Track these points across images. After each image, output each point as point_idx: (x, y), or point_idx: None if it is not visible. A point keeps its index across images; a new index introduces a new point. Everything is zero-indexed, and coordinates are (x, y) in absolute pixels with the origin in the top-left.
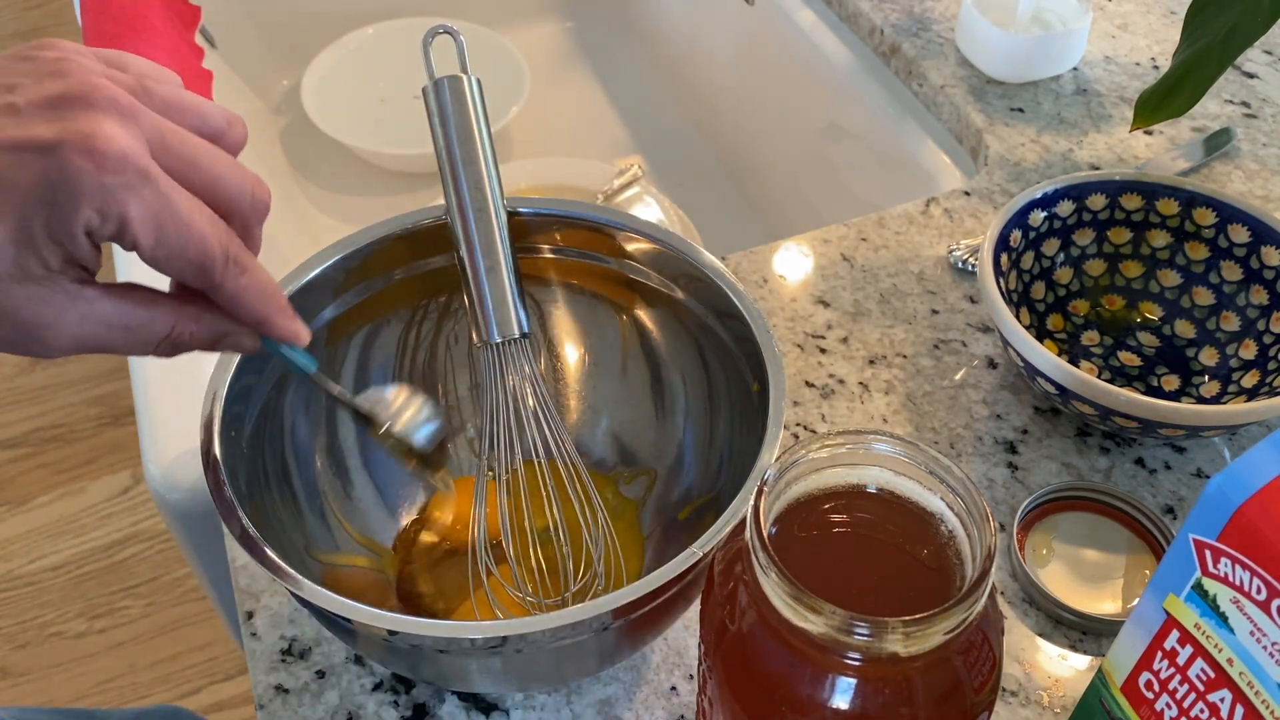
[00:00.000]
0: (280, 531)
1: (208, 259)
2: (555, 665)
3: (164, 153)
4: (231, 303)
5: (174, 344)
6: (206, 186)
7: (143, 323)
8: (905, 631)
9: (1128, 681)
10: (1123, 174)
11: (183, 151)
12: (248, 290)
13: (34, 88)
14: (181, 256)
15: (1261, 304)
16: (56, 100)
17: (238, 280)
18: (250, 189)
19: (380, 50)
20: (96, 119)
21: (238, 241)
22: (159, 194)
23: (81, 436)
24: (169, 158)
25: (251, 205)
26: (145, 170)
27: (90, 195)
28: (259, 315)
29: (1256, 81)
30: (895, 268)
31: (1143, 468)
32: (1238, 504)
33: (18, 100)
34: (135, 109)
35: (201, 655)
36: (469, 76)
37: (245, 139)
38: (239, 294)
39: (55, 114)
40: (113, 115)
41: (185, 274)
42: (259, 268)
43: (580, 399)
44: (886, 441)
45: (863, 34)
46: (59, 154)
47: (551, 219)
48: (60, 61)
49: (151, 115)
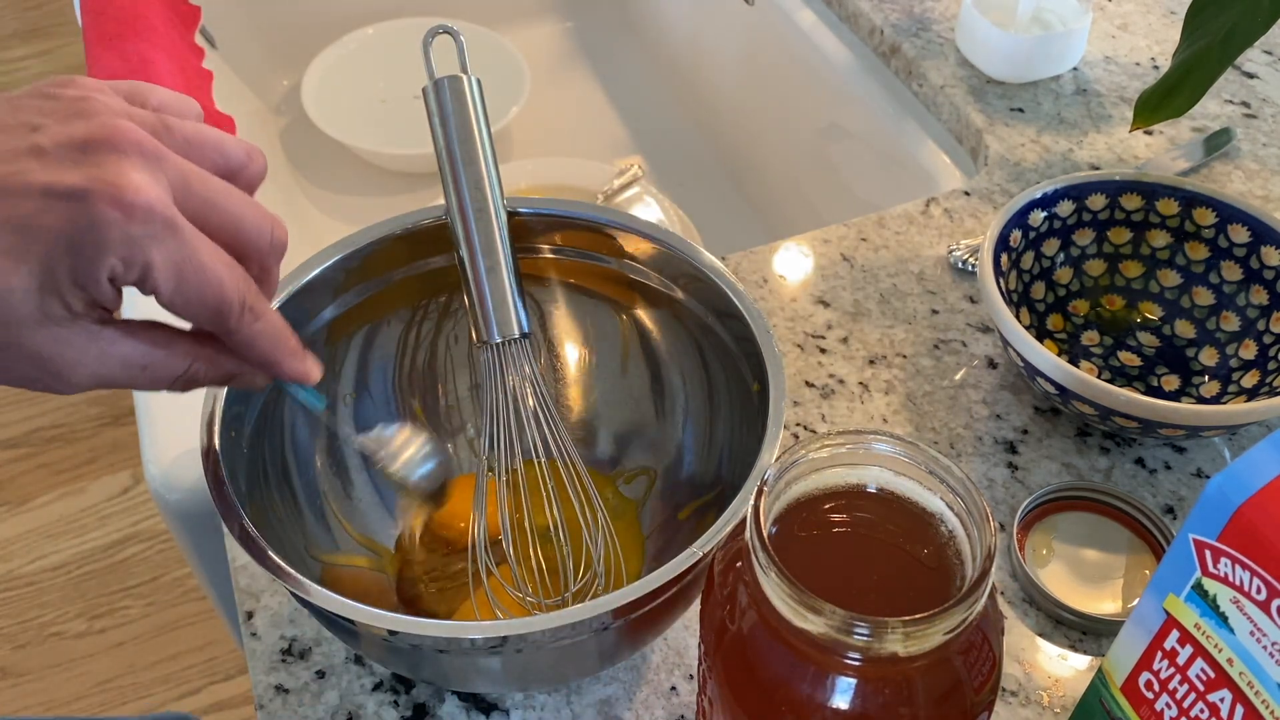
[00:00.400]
0: (280, 531)
1: (224, 306)
2: (555, 665)
3: (186, 196)
4: (245, 347)
5: (189, 382)
6: (226, 228)
7: (160, 362)
8: (905, 631)
9: (1128, 681)
10: (1123, 174)
11: (204, 194)
12: (261, 336)
13: (58, 129)
14: (200, 303)
15: (1261, 304)
16: (83, 144)
17: (251, 326)
18: (269, 229)
19: (380, 50)
20: (123, 166)
21: (254, 288)
22: (182, 243)
23: (81, 436)
24: (191, 201)
25: (270, 246)
26: (170, 220)
27: (117, 244)
28: (271, 359)
29: (1256, 81)
30: (895, 268)
31: (1143, 468)
32: (1238, 504)
33: (43, 142)
34: (160, 152)
35: (201, 655)
36: (469, 76)
37: (264, 172)
38: (253, 340)
39: (82, 158)
40: (139, 160)
41: (200, 319)
42: (272, 313)
43: (580, 399)
44: (886, 441)
45: (863, 34)
46: (88, 202)
47: (551, 219)
48: (83, 101)
49: (175, 158)
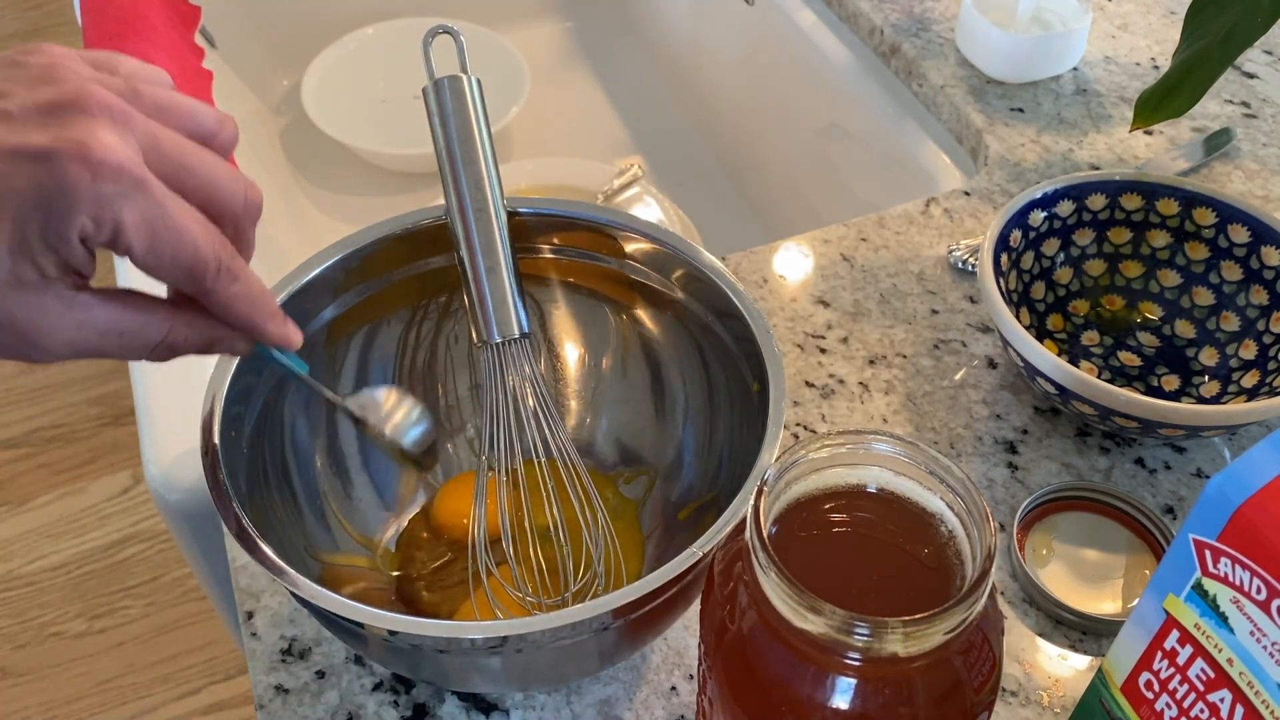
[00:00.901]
0: (280, 531)
1: (200, 265)
2: (555, 665)
3: (157, 158)
4: (223, 309)
5: (168, 349)
6: (199, 190)
7: (137, 328)
8: (905, 631)
9: (1128, 681)
10: (1123, 174)
11: (176, 156)
12: (239, 297)
13: (26, 94)
14: (174, 263)
15: (1261, 304)
16: (50, 107)
17: (229, 288)
18: (243, 191)
19: (380, 50)
20: (91, 126)
21: (230, 248)
22: (153, 201)
23: (81, 436)
24: (162, 163)
25: (244, 208)
26: (140, 178)
27: (86, 203)
28: (250, 321)
29: (1256, 81)
30: (895, 268)
31: (1143, 468)
32: (1238, 504)
33: (10, 107)
34: (128, 114)
35: (201, 655)
36: (469, 76)
37: (236, 139)
38: (231, 301)
39: (50, 120)
40: (107, 122)
41: (177, 280)
42: (250, 274)
43: (580, 399)
44: (886, 441)
45: (863, 34)
46: (55, 162)
47: (551, 219)
48: (50, 67)
49: (144, 120)
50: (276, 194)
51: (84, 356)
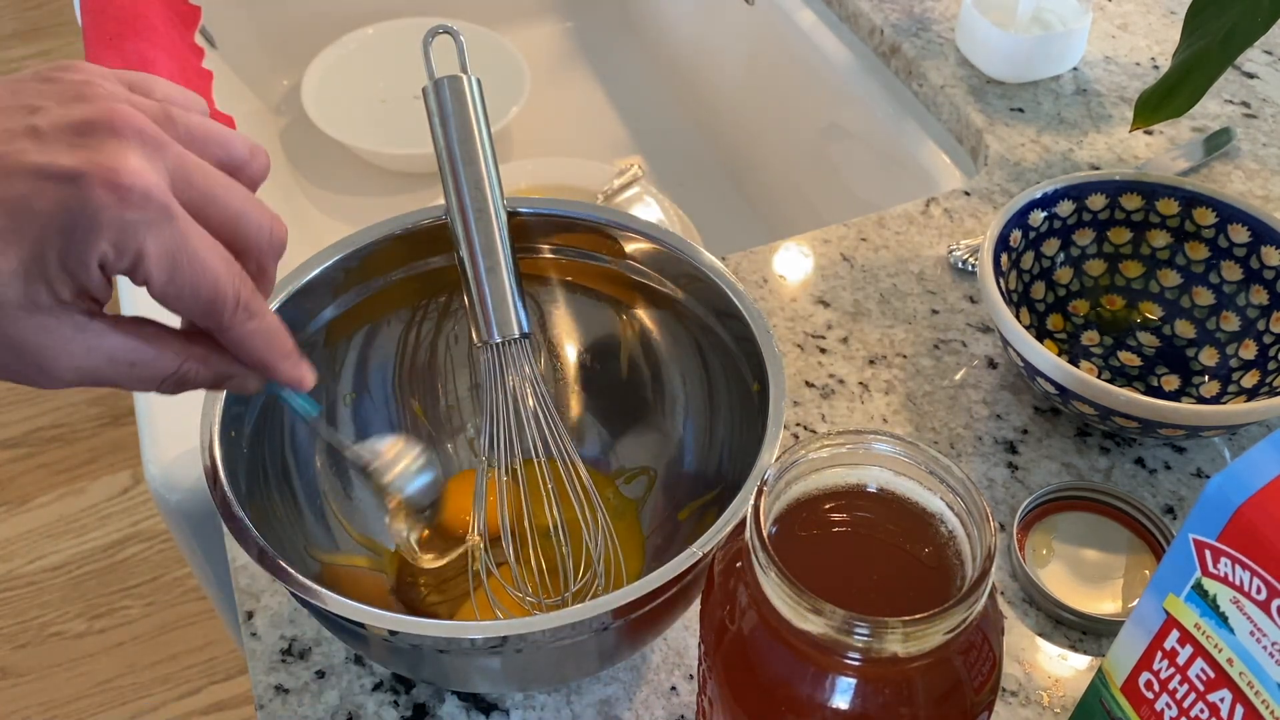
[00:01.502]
0: (280, 531)
1: (219, 301)
2: (555, 665)
3: (185, 186)
4: (238, 346)
5: (178, 383)
6: (226, 224)
7: (149, 360)
8: (905, 631)
9: (1128, 681)
10: (1123, 174)
11: (204, 186)
12: (255, 335)
13: (58, 111)
14: (193, 296)
15: (1261, 304)
16: (81, 126)
17: (245, 324)
18: (269, 227)
19: (380, 50)
20: (122, 149)
21: (250, 285)
22: (178, 232)
23: (81, 436)
24: (190, 191)
25: (270, 244)
26: (166, 207)
27: (109, 229)
28: (264, 360)
29: (1256, 81)
30: (895, 268)
31: (1143, 468)
32: (1238, 504)
33: (40, 124)
34: (160, 140)
35: (201, 655)
36: (469, 76)
37: (267, 170)
38: (246, 338)
39: (80, 141)
40: (137, 146)
41: (194, 314)
42: (268, 312)
43: (580, 399)
44: (886, 441)
45: (863, 34)
46: (81, 185)
47: (551, 219)
48: (85, 85)
49: (175, 147)
50: (276, 194)
51: (92, 384)
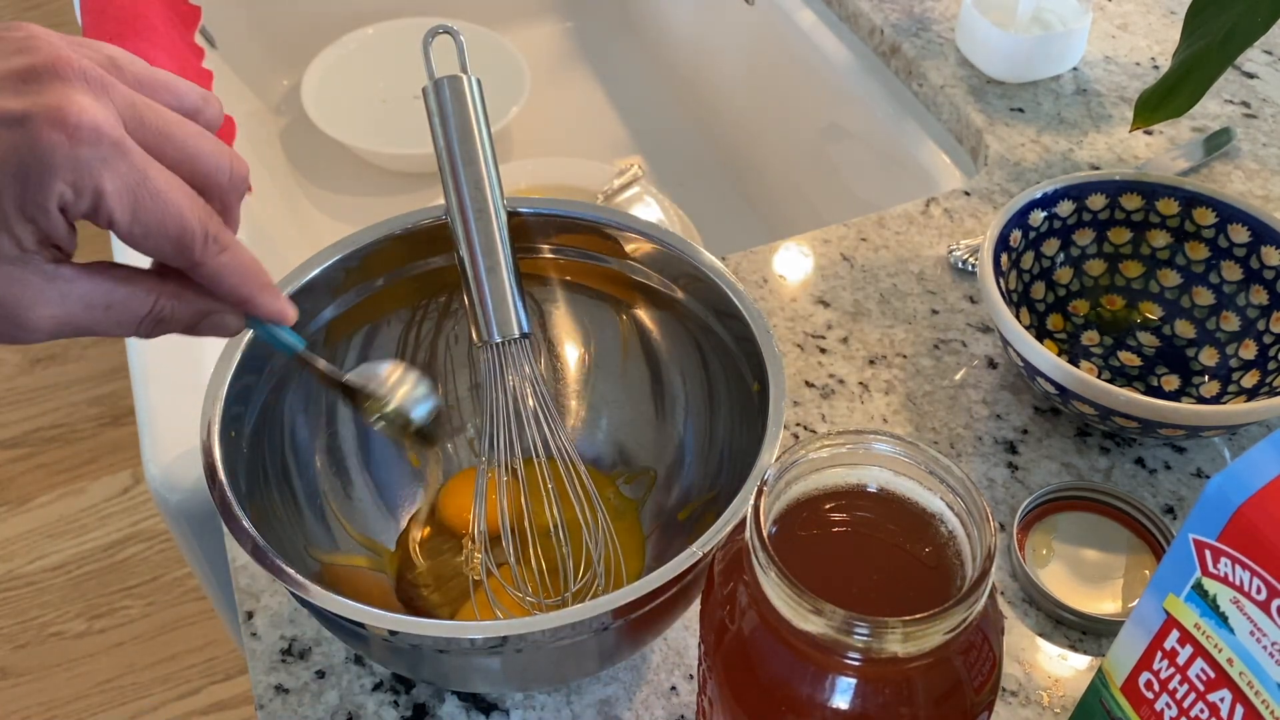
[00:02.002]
0: (280, 531)
1: (186, 235)
2: (555, 665)
3: (138, 126)
4: (212, 281)
5: (156, 322)
6: (183, 162)
7: (122, 300)
8: (905, 631)
9: (1128, 681)
10: (1123, 174)
11: (158, 125)
12: (228, 268)
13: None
14: (160, 233)
15: (1261, 304)
16: (25, 73)
17: (218, 258)
18: (228, 163)
19: (380, 50)
20: (68, 91)
21: (217, 219)
22: (134, 167)
23: (81, 436)
24: (144, 131)
25: (230, 180)
26: (119, 142)
27: (63, 169)
28: (241, 293)
29: (1256, 81)
30: (895, 268)
31: (1143, 468)
32: (1238, 504)
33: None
34: (106, 82)
35: (201, 655)
36: (469, 76)
37: (221, 118)
38: (220, 272)
39: (25, 87)
40: (83, 86)
41: (164, 251)
42: (240, 246)
43: (580, 399)
44: (886, 441)
45: (863, 34)
46: (29, 127)
47: (551, 219)
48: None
49: (123, 88)
50: (276, 194)
51: (70, 334)
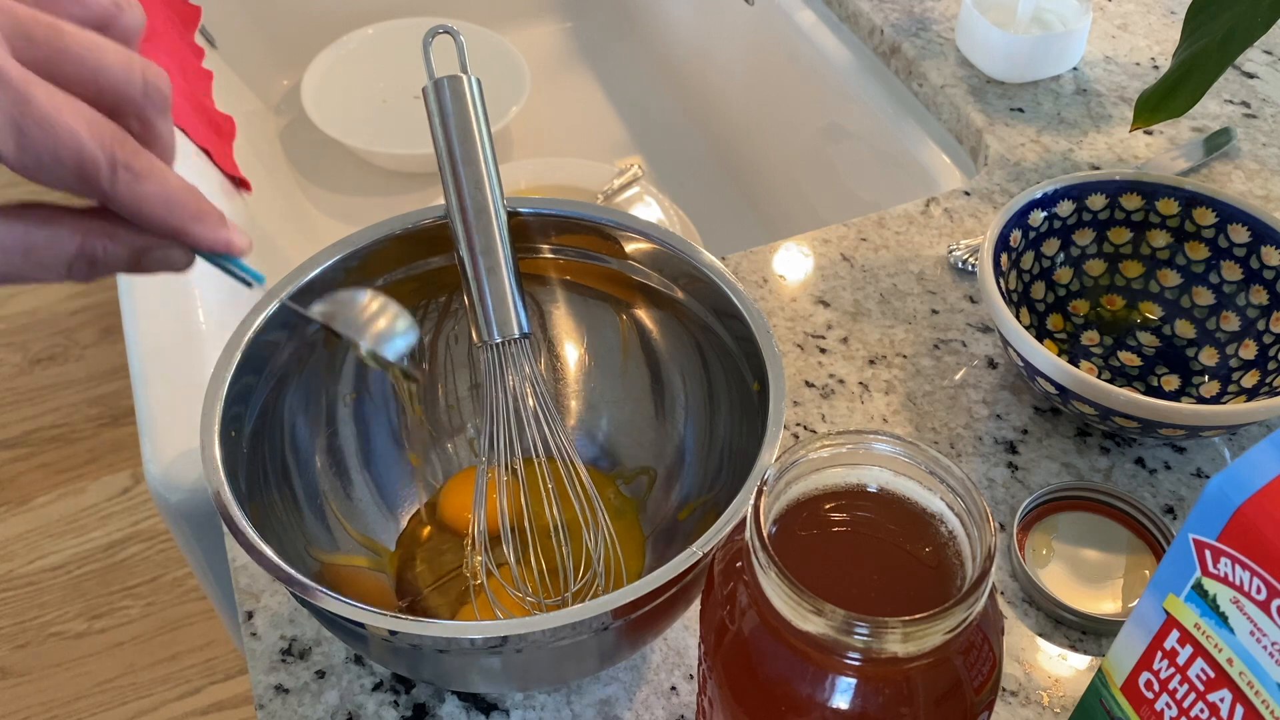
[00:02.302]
0: (280, 531)
1: (88, 164)
2: (555, 665)
3: (26, 45)
4: (135, 213)
5: (89, 263)
6: (86, 80)
7: (43, 243)
8: (905, 631)
9: (1128, 681)
10: (1123, 174)
11: (48, 40)
12: (149, 198)
13: None
14: (55, 163)
15: (1261, 304)
16: None
17: (134, 188)
18: (140, 75)
19: (380, 50)
20: None
21: (130, 143)
22: (13, 92)
23: (81, 436)
24: (33, 50)
25: (145, 95)
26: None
27: None
28: (171, 225)
29: (1256, 81)
30: (895, 268)
31: (1143, 468)
32: (1238, 504)
33: None
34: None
35: (201, 655)
36: (469, 76)
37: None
38: (140, 203)
39: None
40: None
41: (68, 183)
42: (164, 171)
43: (580, 399)
44: (886, 441)
45: (863, 34)
46: None
47: (551, 219)
48: None
49: (9, 3)
50: (276, 194)
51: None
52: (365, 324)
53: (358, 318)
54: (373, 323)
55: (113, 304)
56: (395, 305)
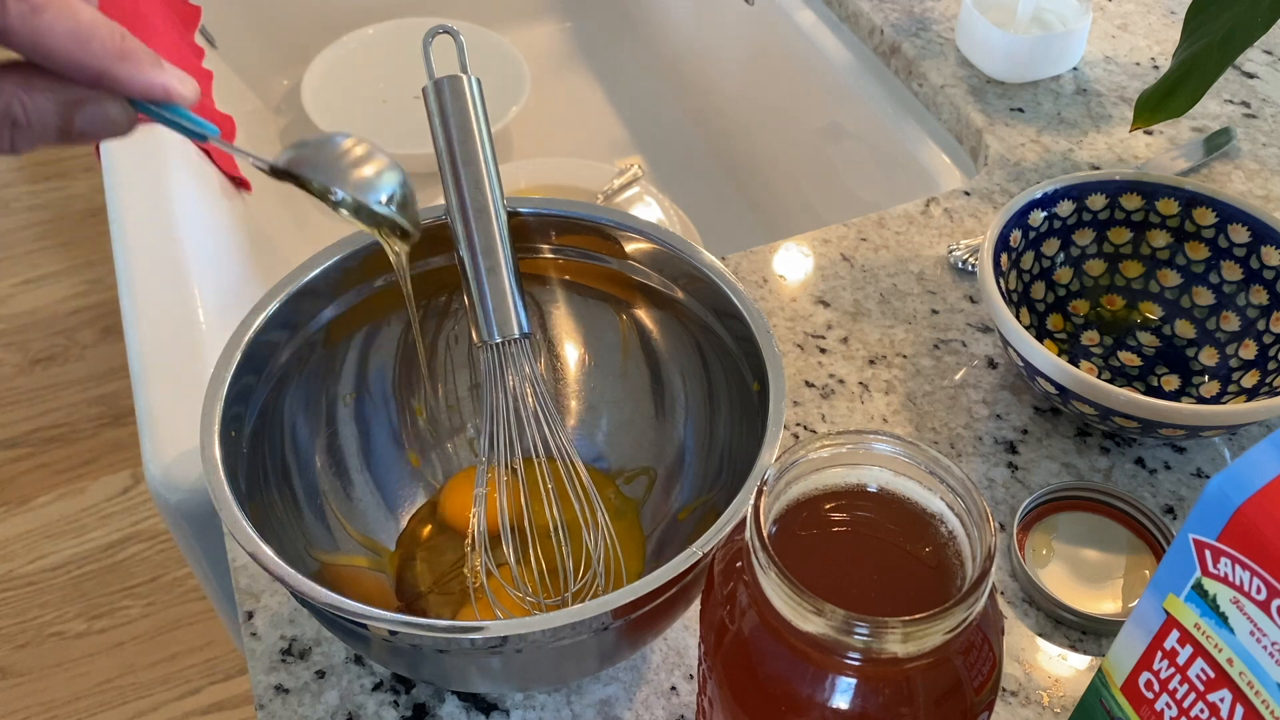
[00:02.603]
0: (280, 531)
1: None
2: (555, 665)
3: None
4: (40, 53)
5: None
6: None
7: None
8: (905, 631)
9: (1128, 681)
10: (1123, 174)
11: None
12: (54, 33)
13: None
14: None
15: (1261, 304)
16: None
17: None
18: None
19: (380, 50)
20: None
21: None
22: None
23: (81, 436)
24: None
25: None
26: None
27: None
28: (90, 67)
29: (1256, 81)
30: (895, 268)
31: (1143, 468)
32: (1238, 504)
33: None
34: None
35: (201, 655)
36: (469, 76)
37: None
38: (41, 39)
39: None
40: None
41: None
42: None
43: (580, 399)
44: (886, 441)
45: (863, 34)
46: None
47: (551, 219)
48: None
49: None
50: (276, 194)
51: None
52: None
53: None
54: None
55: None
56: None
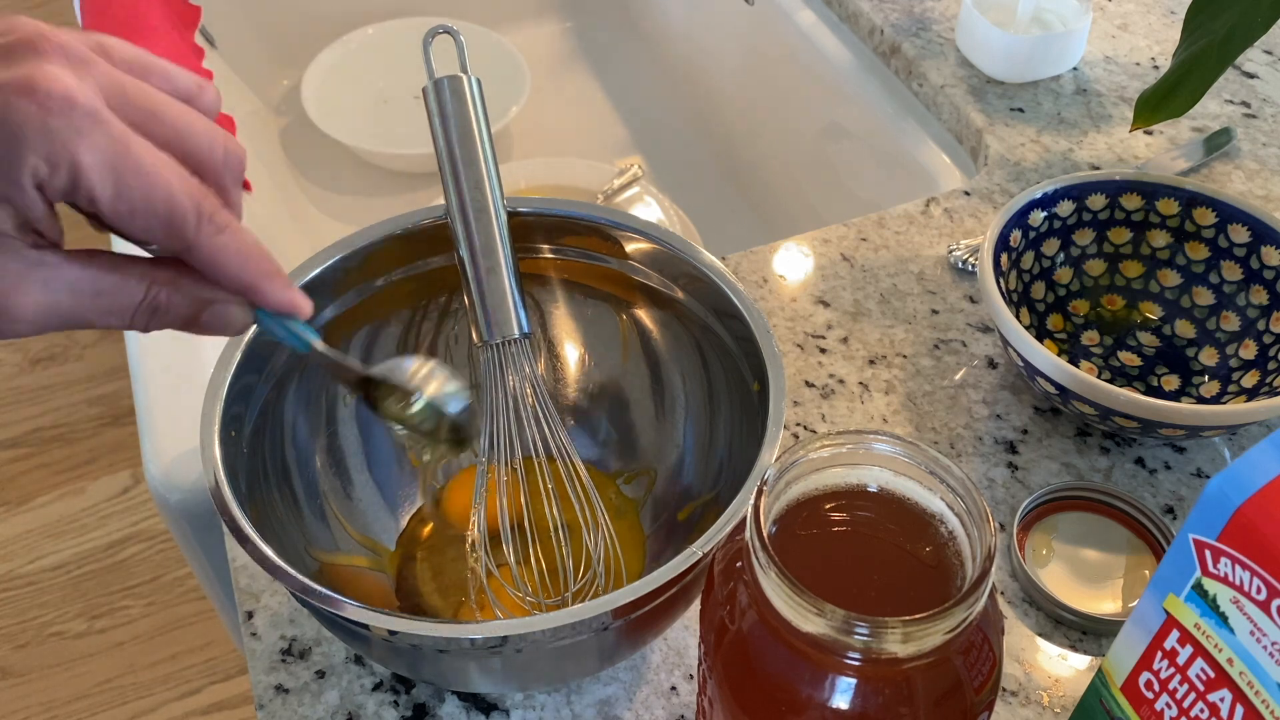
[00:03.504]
0: (280, 531)
1: (178, 213)
2: (555, 665)
3: (122, 102)
4: (211, 265)
5: (152, 311)
6: (172, 140)
7: (113, 288)
8: (905, 631)
9: (1128, 681)
10: (1123, 174)
11: (143, 103)
12: (227, 251)
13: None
14: (147, 210)
15: (1261, 304)
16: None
17: (214, 239)
18: (222, 143)
19: (380, 50)
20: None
21: (214, 198)
22: (114, 139)
23: (81, 436)
24: (128, 108)
25: (225, 162)
26: (95, 112)
27: (35, 140)
28: (244, 280)
29: (1256, 81)
30: (895, 268)
31: (1143, 468)
32: (1238, 504)
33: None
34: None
35: (201, 655)
36: (469, 76)
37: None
38: (217, 255)
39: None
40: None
41: (154, 232)
42: (241, 229)
43: (580, 399)
44: (886, 441)
45: (863, 34)
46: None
47: (551, 219)
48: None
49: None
50: (276, 194)
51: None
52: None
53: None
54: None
55: None
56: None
